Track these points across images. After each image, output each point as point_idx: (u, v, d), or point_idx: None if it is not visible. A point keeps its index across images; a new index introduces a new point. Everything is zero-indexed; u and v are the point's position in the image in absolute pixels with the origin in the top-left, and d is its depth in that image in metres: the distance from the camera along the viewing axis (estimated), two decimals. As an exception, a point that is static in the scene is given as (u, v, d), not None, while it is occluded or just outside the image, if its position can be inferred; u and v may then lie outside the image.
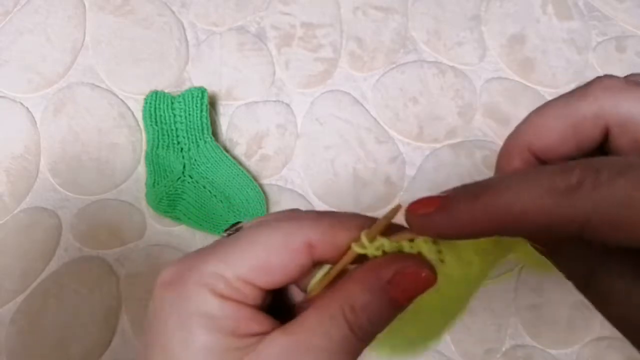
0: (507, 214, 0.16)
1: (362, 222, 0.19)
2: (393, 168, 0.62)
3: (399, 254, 0.18)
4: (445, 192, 0.17)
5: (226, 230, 0.21)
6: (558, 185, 0.15)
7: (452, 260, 0.18)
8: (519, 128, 0.21)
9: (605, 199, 0.15)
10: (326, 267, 0.19)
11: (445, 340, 0.57)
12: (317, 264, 0.19)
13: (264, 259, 0.18)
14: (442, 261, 0.18)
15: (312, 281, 0.20)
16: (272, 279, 0.18)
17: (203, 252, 0.19)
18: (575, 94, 0.19)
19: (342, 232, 0.19)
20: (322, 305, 0.18)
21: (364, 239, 0.18)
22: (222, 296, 0.18)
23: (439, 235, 0.17)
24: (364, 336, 0.18)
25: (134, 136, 0.62)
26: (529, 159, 0.20)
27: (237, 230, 0.21)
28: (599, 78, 0.19)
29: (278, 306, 0.20)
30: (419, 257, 0.18)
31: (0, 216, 0.58)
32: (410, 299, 0.18)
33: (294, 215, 0.19)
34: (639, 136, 0.18)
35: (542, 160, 0.20)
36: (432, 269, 0.18)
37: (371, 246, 0.18)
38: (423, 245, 0.18)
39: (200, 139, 0.59)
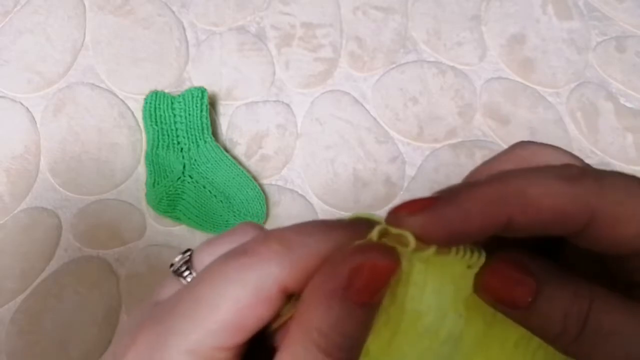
0: (521, 197, 0.15)
1: (337, 238, 0.16)
2: (393, 168, 0.62)
3: (348, 249, 0.16)
4: (439, 192, 0.16)
5: (180, 258, 0.19)
6: (565, 174, 0.16)
7: (431, 292, 0.16)
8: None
9: (608, 187, 0.15)
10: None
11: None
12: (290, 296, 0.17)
13: (236, 320, 0.15)
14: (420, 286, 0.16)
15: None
16: (246, 335, 0.16)
17: (163, 326, 0.16)
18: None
19: (317, 261, 0.16)
20: (291, 341, 0.16)
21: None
22: None
23: (435, 232, 0.16)
24: (345, 353, 0.16)
25: (134, 136, 0.62)
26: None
27: (187, 256, 0.19)
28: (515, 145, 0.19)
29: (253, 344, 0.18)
30: (371, 244, 0.16)
31: (0, 216, 0.58)
32: (375, 294, 0.16)
33: (256, 257, 0.16)
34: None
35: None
36: (391, 255, 0.16)
37: None
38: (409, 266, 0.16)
39: (200, 139, 0.59)
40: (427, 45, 0.67)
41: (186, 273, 0.19)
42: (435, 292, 0.17)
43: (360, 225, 0.17)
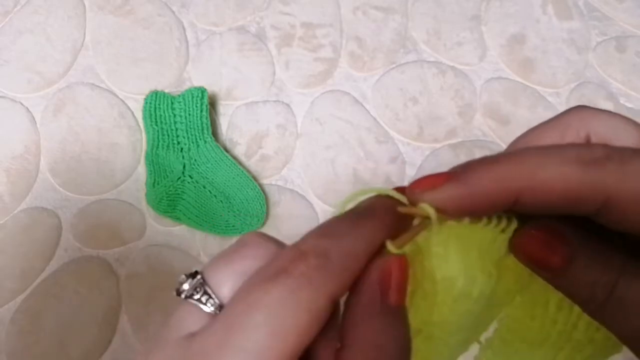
0: (531, 179, 0.16)
1: (368, 233, 0.16)
2: (393, 168, 0.62)
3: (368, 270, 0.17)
4: (458, 167, 0.17)
5: (189, 282, 0.17)
6: (585, 157, 0.16)
7: (457, 261, 0.17)
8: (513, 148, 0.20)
9: (632, 173, 0.15)
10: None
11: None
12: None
13: (298, 346, 0.15)
14: (445, 260, 0.18)
15: None
16: (299, 355, 0.15)
17: None
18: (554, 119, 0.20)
19: (357, 261, 0.16)
20: None
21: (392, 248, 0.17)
22: None
23: (447, 208, 0.16)
24: (402, 354, 0.16)
25: (134, 136, 0.62)
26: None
27: (199, 279, 0.17)
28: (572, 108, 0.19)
29: None
30: (379, 254, 0.17)
31: (0, 216, 0.58)
32: (404, 292, 0.17)
33: (301, 277, 0.15)
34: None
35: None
36: (399, 255, 0.17)
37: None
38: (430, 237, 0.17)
39: (200, 139, 0.59)
40: (427, 45, 0.67)
41: (204, 298, 0.17)
42: (460, 258, 0.17)
43: (385, 212, 0.17)
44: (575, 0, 0.70)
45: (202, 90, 0.59)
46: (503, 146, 0.63)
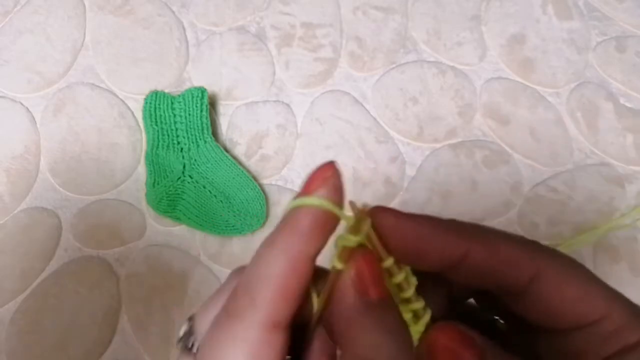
0: (481, 236, 0.18)
1: (297, 250, 0.17)
2: (393, 168, 0.62)
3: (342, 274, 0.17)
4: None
5: (184, 328, 0.19)
6: (520, 237, 0.19)
7: None
8: None
9: (555, 253, 0.18)
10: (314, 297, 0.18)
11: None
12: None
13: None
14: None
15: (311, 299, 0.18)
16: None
17: None
18: None
19: (291, 280, 0.16)
20: None
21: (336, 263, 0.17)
22: None
23: (394, 230, 0.18)
24: (399, 349, 0.16)
25: (134, 136, 0.62)
26: None
27: (190, 324, 0.19)
28: None
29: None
30: (353, 252, 0.17)
31: (0, 216, 0.58)
32: (381, 283, 0.17)
33: (237, 319, 0.16)
34: None
35: None
36: (368, 251, 0.17)
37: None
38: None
39: (200, 139, 0.59)
40: (427, 45, 0.67)
41: (191, 344, 0.18)
42: None
43: (300, 219, 0.17)
44: (575, 0, 0.70)
45: (202, 90, 0.59)
46: (503, 146, 0.63)
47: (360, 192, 0.60)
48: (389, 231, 0.17)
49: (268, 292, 0.16)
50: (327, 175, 0.17)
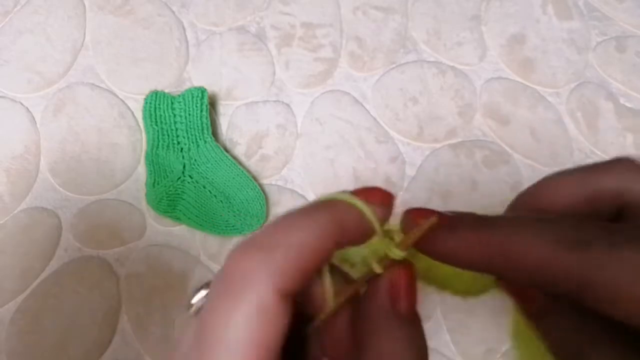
0: (504, 252, 0.16)
1: (318, 222, 0.16)
2: (393, 168, 0.62)
3: (370, 279, 0.18)
4: (451, 212, 0.18)
5: (198, 295, 0.19)
6: (569, 238, 0.15)
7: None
8: (532, 188, 0.20)
9: (615, 262, 0.14)
10: (327, 274, 0.18)
11: (444, 340, 0.57)
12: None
13: (252, 350, 0.15)
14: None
15: (326, 291, 0.18)
16: (271, 356, 0.15)
17: None
18: (597, 167, 0.18)
19: (305, 251, 0.16)
20: None
21: (396, 252, 0.18)
22: None
23: (437, 253, 0.17)
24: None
25: (134, 136, 0.62)
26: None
27: (206, 286, 0.19)
28: (619, 159, 0.18)
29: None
30: (392, 263, 0.18)
31: (0, 216, 0.58)
32: (409, 301, 0.17)
33: (243, 279, 0.15)
34: None
35: None
36: (412, 265, 0.18)
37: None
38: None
39: (200, 139, 0.59)
40: (427, 45, 0.67)
41: None
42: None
43: (336, 204, 0.17)
44: (575, 0, 0.70)
45: (202, 90, 0.59)
46: (503, 146, 0.63)
47: (360, 192, 0.60)
48: (439, 250, 0.18)
49: (299, 255, 0.15)
50: (388, 197, 0.18)
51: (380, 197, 0.17)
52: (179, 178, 0.58)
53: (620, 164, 0.18)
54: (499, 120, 0.64)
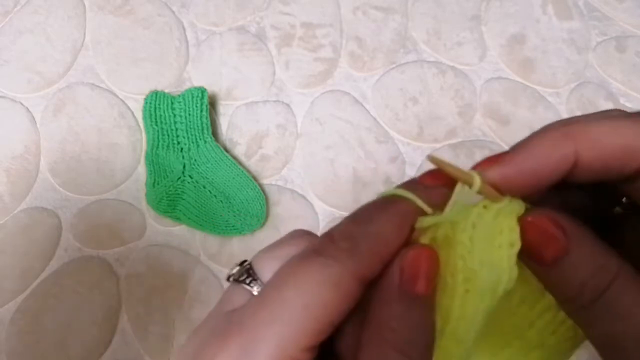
0: (583, 134, 0.16)
1: (393, 219, 0.17)
2: (393, 168, 0.62)
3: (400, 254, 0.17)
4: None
5: (239, 268, 0.19)
6: (628, 113, 0.16)
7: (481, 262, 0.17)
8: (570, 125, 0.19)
9: None
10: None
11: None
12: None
13: (322, 318, 0.16)
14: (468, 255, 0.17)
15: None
16: (330, 330, 0.16)
17: (252, 333, 0.16)
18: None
19: (382, 244, 0.17)
20: (366, 341, 0.16)
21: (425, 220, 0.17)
22: None
23: (512, 179, 0.17)
24: (415, 347, 0.16)
25: (134, 136, 0.62)
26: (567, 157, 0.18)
27: (247, 265, 0.19)
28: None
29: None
30: (416, 242, 0.17)
31: (0, 216, 0.58)
32: (423, 283, 0.16)
33: (330, 257, 0.16)
34: None
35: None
36: (429, 246, 0.17)
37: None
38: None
39: (200, 139, 0.59)
40: (427, 45, 0.67)
41: (249, 280, 0.18)
42: (485, 250, 0.17)
43: (405, 204, 0.17)
44: (575, 0, 0.70)
45: (202, 90, 0.59)
46: (503, 146, 0.63)
47: (360, 192, 0.60)
48: (499, 183, 0.17)
49: (374, 246, 0.16)
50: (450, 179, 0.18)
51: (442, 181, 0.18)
52: (179, 178, 0.58)
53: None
54: (499, 120, 0.64)
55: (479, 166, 0.18)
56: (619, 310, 0.16)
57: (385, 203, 0.17)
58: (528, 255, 0.17)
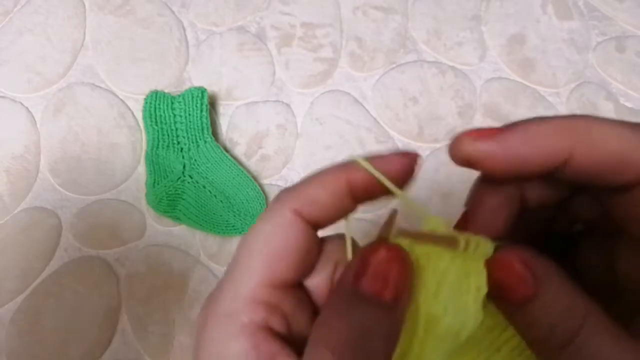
0: (584, 133, 0.16)
1: (334, 172, 0.20)
2: (393, 168, 0.62)
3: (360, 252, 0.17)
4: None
5: None
6: (630, 122, 0.16)
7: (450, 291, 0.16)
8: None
9: None
10: (349, 228, 0.19)
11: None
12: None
13: (272, 253, 0.18)
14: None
15: (347, 243, 0.18)
16: (288, 266, 0.17)
17: (219, 285, 0.18)
18: None
19: (319, 190, 0.19)
20: (310, 342, 0.16)
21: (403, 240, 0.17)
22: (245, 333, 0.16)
23: (493, 159, 0.17)
24: (358, 352, 0.15)
25: (134, 136, 0.62)
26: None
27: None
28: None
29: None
30: (382, 240, 0.17)
31: (0, 216, 0.58)
32: (392, 292, 0.15)
33: (271, 210, 0.19)
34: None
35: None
36: (399, 248, 0.16)
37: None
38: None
39: (200, 139, 0.59)
40: (427, 45, 0.67)
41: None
42: (451, 294, 0.16)
43: (356, 165, 0.19)
44: (575, 0, 0.70)
45: (202, 90, 0.59)
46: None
47: (360, 192, 0.60)
48: (485, 158, 0.17)
49: (311, 188, 0.19)
50: (405, 163, 0.19)
51: (396, 164, 0.19)
52: (179, 178, 0.58)
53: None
54: (499, 120, 0.64)
55: (469, 134, 0.17)
56: (590, 356, 0.15)
57: (331, 167, 0.20)
58: (497, 295, 0.16)
